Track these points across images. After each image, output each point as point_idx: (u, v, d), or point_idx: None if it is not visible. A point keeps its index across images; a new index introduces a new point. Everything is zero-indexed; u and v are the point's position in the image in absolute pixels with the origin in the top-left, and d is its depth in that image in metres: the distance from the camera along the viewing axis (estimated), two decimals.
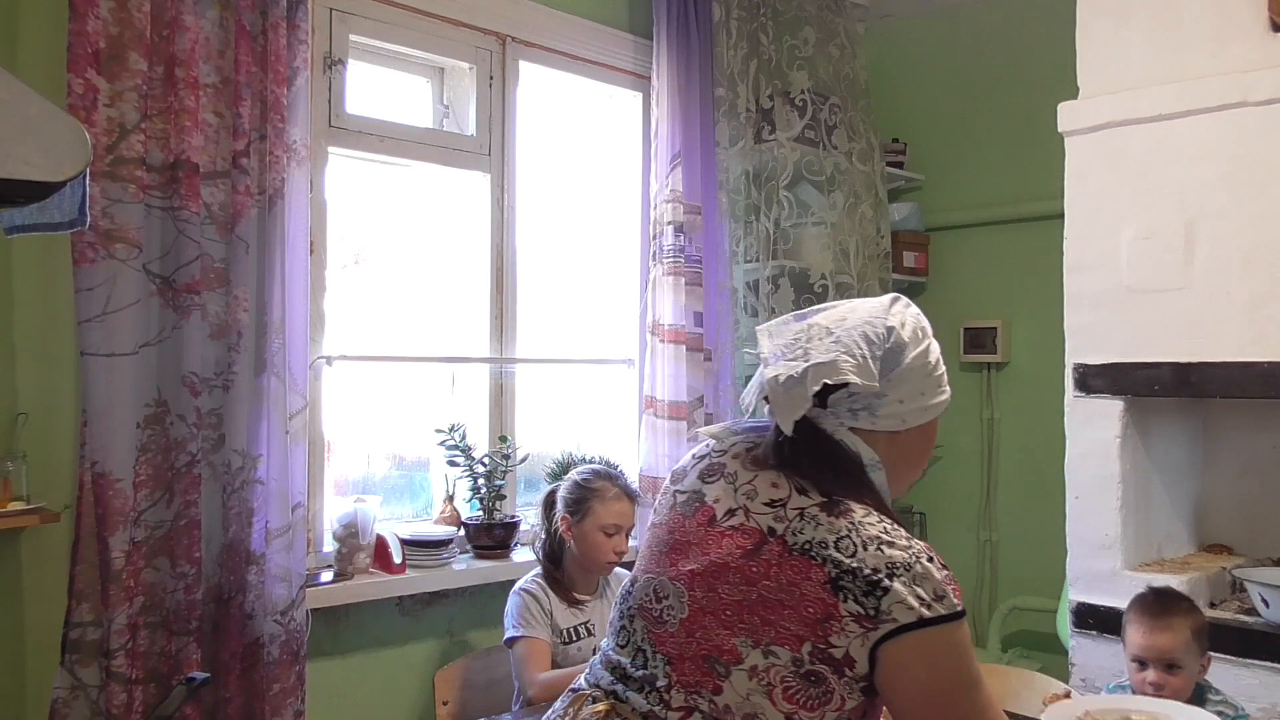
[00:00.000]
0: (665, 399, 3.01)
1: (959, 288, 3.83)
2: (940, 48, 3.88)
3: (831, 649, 1.15)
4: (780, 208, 3.33)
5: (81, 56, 1.96)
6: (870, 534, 1.18)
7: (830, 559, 1.16)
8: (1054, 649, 3.10)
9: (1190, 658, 1.99)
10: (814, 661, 1.15)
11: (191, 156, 2.11)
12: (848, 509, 1.20)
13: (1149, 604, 2.07)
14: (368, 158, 2.67)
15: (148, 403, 2.10)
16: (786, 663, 1.16)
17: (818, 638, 1.15)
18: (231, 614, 2.19)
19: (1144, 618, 2.03)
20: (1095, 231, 2.69)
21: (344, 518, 2.49)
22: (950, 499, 3.86)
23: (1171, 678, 1.97)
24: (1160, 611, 2.03)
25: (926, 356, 1.31)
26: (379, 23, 2.62)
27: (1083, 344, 2.71)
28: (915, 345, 1.30)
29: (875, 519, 1.20)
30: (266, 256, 2.22)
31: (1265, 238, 2.42)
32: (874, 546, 1.17)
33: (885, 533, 1.19)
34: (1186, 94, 2.52)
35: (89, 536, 1.99)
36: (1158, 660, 1.98)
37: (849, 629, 1.15)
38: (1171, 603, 2.07)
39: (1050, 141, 2.80)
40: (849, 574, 1.15)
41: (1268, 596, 2.41)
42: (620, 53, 3.14)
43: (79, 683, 1.98)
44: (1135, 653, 2.02)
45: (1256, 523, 2.80)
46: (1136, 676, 2.02)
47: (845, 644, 1.15)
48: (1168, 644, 1.98)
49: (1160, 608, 2.05)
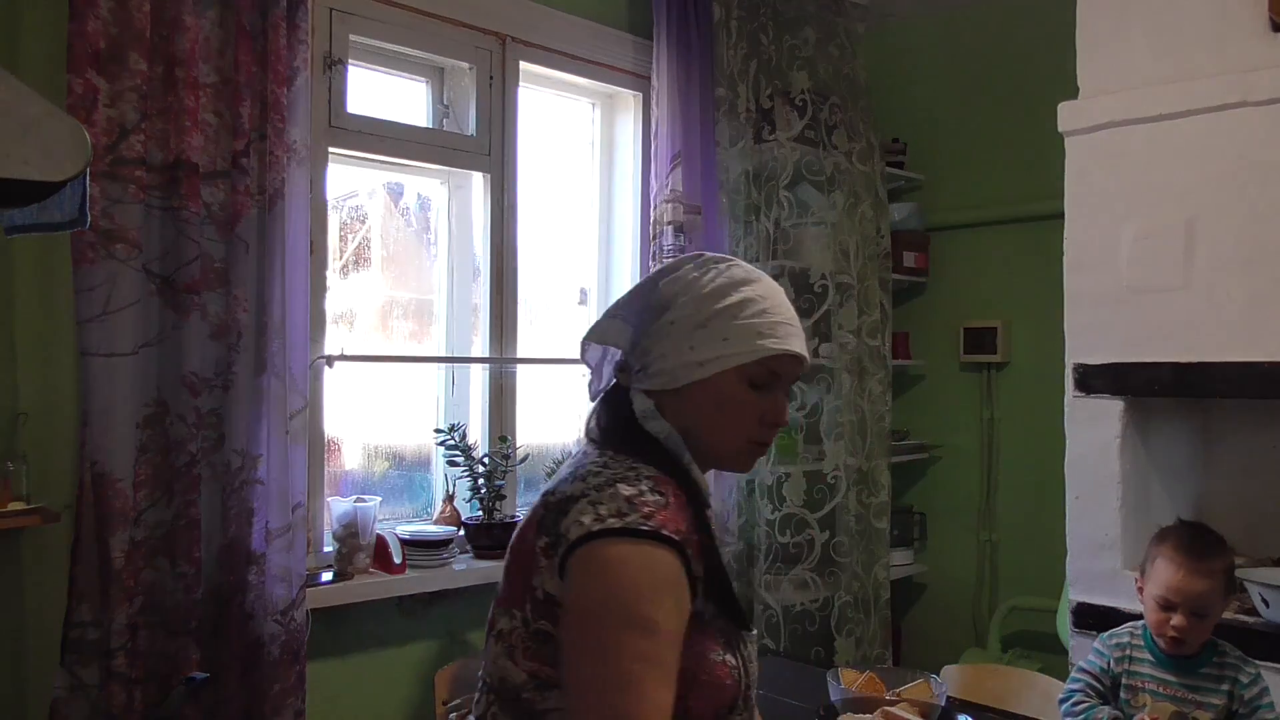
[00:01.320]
0: None
1: (959, 288, 3.83)
2: (940, 48, 3.88)
3: (536, 593, 1.11)
4: (780, 208, 3.33)
5: (81, 56, 1.96)
6: (586, 471, 1.16)
7: (543, 503, 1.16)
8: (1054, 649, 3.10)
9: (1219, 606, 1.88)
10: (535, 617, 1.12)
11: (191, 156, 2.11)
12: (596, 457, 1.20)
13: (1189, 543, 1.89)
14: (368, 158, 2.67)
15: (147, 403, 2.10)
16: (519, 623, 1.14)
17: (531, 588, 1.12)
18: (231, 614, 2.19)
19: (1182, 557, 1.86)
20: (1095, 231, 2.69)
21: (344, 518, 2.49)
22: (950, 499, 3.86)
23: (1199, 624, 1.85)
24: (1202, 553, 1.87)
25: (699, 312, 1.23)
26: (379, 23, 2.62)
27: (1083, 344, 2.71)
28: (688, 303, 1.24)
29: (612, 461, 1.17)
30: (266, 256, 2.22)
31: (1265, 238, 2.42)
32: (580, 481, 1.14)
33: (604, 468, 1.16)
34: (1186, 94, 2.52)
35: (89, 536, 1.99)
36: (1189, 606, 1.84)
37: (541, 564, 1.11)
38: (1213, 543, 1.91)
39: (1050, 141, 2.80)
40: (548, 509, 1.14)
41: (1268, 596, 2.41)
42: (620, 53, 3.14)
43: (79, 683, 1.98)
44: (1164, 594, 1.86)
45: (1256, 523, 2.80)
46: (1158, 617, 1.88)
47: (541, 583, 1.11)
48: (1205, 589, 1.84)
49: (1202, 548, 1.88)
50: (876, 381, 3.53)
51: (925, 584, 3.95)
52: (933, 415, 3.92)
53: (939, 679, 1.93)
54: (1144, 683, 1.93)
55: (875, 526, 3.51)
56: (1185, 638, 1.86)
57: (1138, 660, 1.96)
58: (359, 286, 2.81)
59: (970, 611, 3.79)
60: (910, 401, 3.96)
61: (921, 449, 3.84)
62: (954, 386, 3.86)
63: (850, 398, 3.44)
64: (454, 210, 2.93)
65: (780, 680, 2.17)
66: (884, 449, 3.55)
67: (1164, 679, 1.92)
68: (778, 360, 1.23)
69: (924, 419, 3.93)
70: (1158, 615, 1.89)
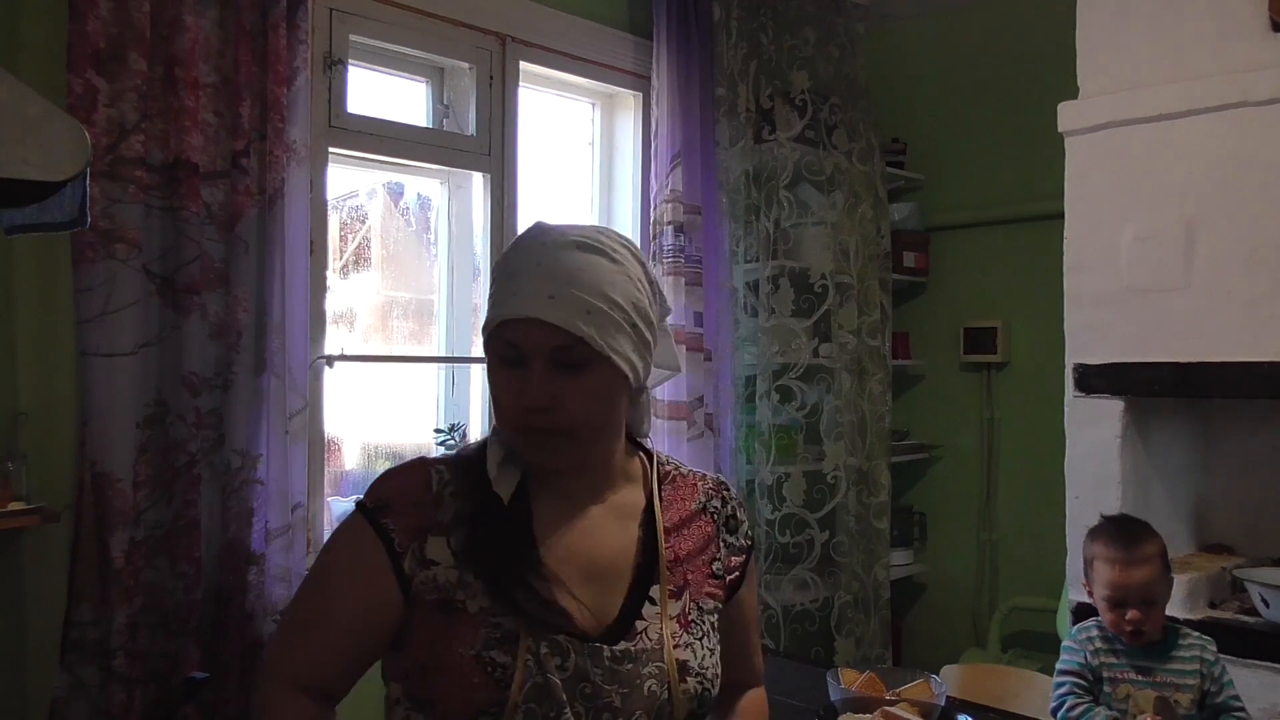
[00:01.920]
0: (665, 399, 3.01)
1: (959, 288, 3.83)
2: (940, 48, 3.88)
3: None
4: (780, 208, 3.33)
5: (81, 56, 1.96)
6: None
7: None
8: (1054, 649, 3.07)
9: (1164, 588, 1.90)
10: None
11: (191, 156, 2.11)
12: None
13: (1118, 536, 1.92)
14: (368, 158, 2.67)
15: (147, 403, 2.10)
16: None
17: None
18: (231, 614, 2.18)
19: (1116, 551, 1.89)
20: (1095, 231, 2.69)
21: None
22: (950, 499, 3.86)
23: (1151, 610, 1.87)
24: (1132, 542, 1.90)
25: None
26: (379, 23, 2.62)
27: (1083, 344, 2.71)
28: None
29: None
30: (266, 256, 2.22)
31: (1265, 238, 2.42)
32: None
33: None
34: (1186, 94, 2.52)
35: (89, 536, 1.99)
36: (1137, 598, 1.87)
37: None
38: (1140, 531, 1.94)
39: (1050, 141, 2.80)
40: None
41: (1268, 596, 2.41)
42: (620, 53, 3.14)
43: (79, 683, 1.98)
44: (1110, 592, 1.89)
45: (1256, 523, 2.80)
46: (1111, 616, 1.90)
47: None
48: (1146, 577, 1.87)
49: (1132, 538, 1.91)
50: (876, 381, 3.54)
51: (925, 584, 3.95)
52: (933, 415, 3.92)
53: (939, 679, 1.92)
54: (1122, 673, 1.95)
55: (875, 526, 3.51)
56: (1142, 628, 1.89)
57: (1110, 652, 1.97)
58: (359, 286, 2.81)
59: (970, 611, 3.79)
60: (910, 401, 3.96)
61: (921, 449, 3.84)
62: (954, 386, 3.86)
63: (850, 398, 3.44)
64: (454, 210, 2.93)
65: (780, 680, 2.17)
66: (884, 449, 3.55)
67: (1140, 665, 1.94)
68: (507, 329, 1.10)
69: (924, 419, 3.93)
70: (1111, 614, 1.92)
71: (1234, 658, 2.37)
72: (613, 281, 1.10)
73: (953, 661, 2.88)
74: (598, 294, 1.08)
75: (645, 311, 1.14)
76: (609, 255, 1.12)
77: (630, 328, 1.11)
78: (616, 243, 1.14)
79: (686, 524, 1.26)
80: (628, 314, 1.11)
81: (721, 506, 1.30)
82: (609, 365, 1.09)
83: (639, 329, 1.13)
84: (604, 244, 1.12)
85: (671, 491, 1.27)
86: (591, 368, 1.09)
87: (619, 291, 1.10)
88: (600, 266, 1.10)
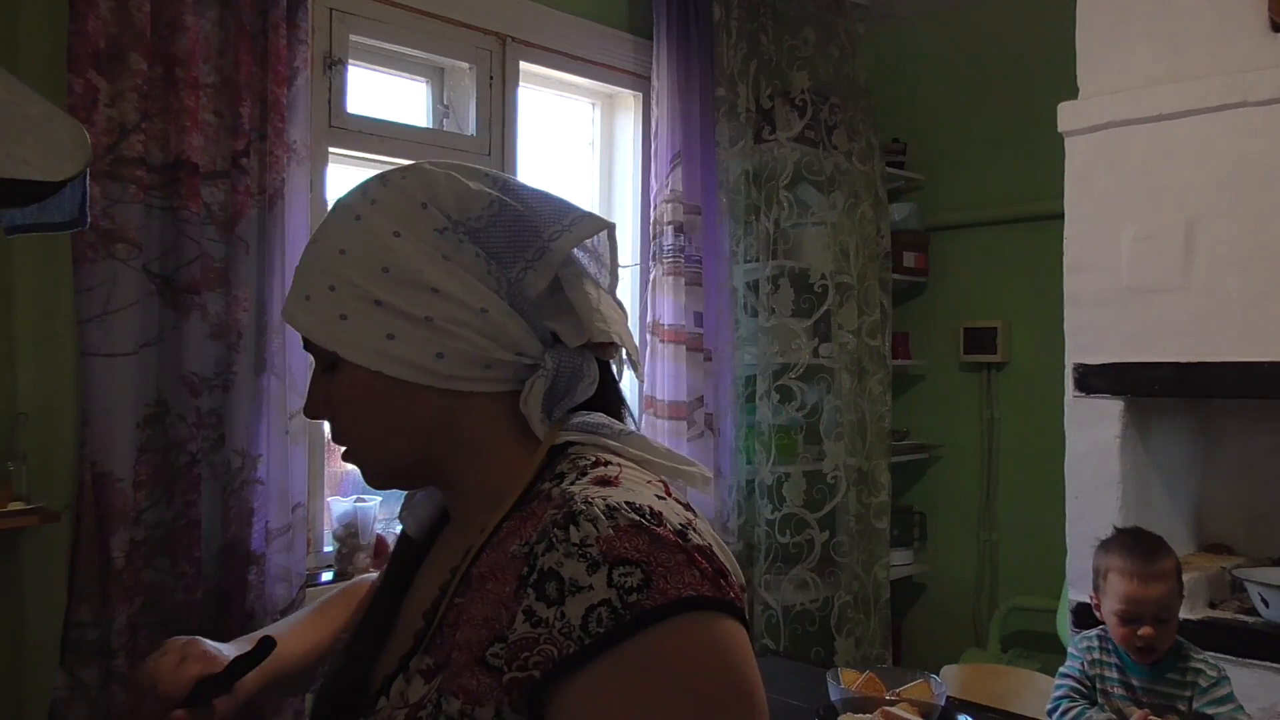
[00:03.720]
0: (665, 399, 3.01)
1: (959, 288, 3.83)
2: (940, 48, 3.88)
3: None
4: (780, 208, 3.33)
5: (81, 56, 1.96)
6: None
7: None
8: (1054, 649, 3.10)
9: (1178, 606, 1.87)
10: None
11: (191, 156, 2.11)
12: None
13: (1136, 552, 1.89)
14: (368, 158, 2.67)
15: (148, 403, 2.10)
16: None
17: None
18: (231, 614, 2.18)
19: (1134, 565, 1.86)
20: (1095, 231, 2.69)
21: (344, 518, 2.49)
22: (950, 499, 3.86)
23: (1164, 628, 1.85)
24: (1150, 556, 1.87)
25: None
26: (379, 23, 2.62)
27: (1083, 344, 2.71)
28: None
29: None
30: (266, 256, 2.22)
31: (1265, 238, 2.42)
32: None
33: None
34: (1186, 94, 2.52)
35: (89, 536, 1.99)
36: (1152, 614, 1.84)
37: None
38: (1157, 546, 1.91)
39: (1050, 141, 2.80)
40: None
41: (1268, 596, 2.41)
42: (620, 53, 3.14)
43: (79, 683, 1.98)
44: (1124, 607, 1.86)
45: (1256, 523, 2.80)
46: (1123, 631, 1.87)
47: None
48: (1162, 593, 1.84)
49: (1150, 553, 1.88)
50: (876, 381, 3.54)
51: (925, 584, 3.95)
52: (933, 415, 3.92)
53: (939, 679, 1.93)
54: (1112, 688, 1.95)
55: (875, 526, 3.52)
56: (1154, 645, 1.86)
57: (1105, 664, 1.96)
58: None
59: (970, 611, 3.79)
60: (910, 401, 3.96)
61: (921, 449, 3.84)
62: (954, 386, 3.86)
63: (850, 398, 3.44)
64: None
65: (780, 680, 2.17)
66: (884, 449, 3.55)
67: (1130, 684, 1.93)
68: None
69: (924, 419, 3.94)
70: (1122, 629, 1.88)
71: (1234, 658, 2.38)
72: (344, 249, 0.82)
73: (952, 661, 2.88)
74: (318, 271, 0.83)
75: (409, 272, 0.80)
76: (353, 210, 0.84)
77: (374, 304, 0.80)
78: (379, 185, 0.85)
79: (496, 574, 0.76)
80: (360, 287, 0.81)
81: (546, 553, 0.72)
82: (351, 362, 0.83)
83: (392, 301, 0.80)
84: (352, 198, 0.85)
85: (519, 522, 0.79)
86: (339, 368, 0.84)
87: (353, 259, 0.81)
88: (332, 232, 0.84)
